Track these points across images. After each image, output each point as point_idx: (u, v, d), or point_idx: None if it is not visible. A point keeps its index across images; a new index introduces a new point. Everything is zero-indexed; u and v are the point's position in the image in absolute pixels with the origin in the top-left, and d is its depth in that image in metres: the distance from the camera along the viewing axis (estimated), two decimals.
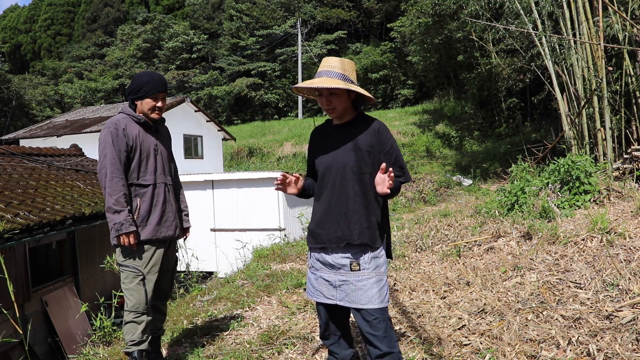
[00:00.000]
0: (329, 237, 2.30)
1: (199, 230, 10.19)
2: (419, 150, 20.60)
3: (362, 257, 2.27)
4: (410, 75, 31.12)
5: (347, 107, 2.35)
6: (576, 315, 2.96)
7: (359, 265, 2.26)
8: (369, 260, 2.27)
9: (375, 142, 2.30)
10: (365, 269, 2.26)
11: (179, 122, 17.86)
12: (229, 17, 40.22)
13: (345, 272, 2.28)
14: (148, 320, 2.94)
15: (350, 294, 2.26)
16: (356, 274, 2.25)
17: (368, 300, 2.23)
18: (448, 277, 4.23)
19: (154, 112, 3.01)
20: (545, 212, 5.28)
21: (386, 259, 2.38)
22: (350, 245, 2.27)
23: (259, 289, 4.78)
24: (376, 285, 2.25)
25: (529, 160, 8.77)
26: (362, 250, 2.27)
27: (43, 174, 7.67)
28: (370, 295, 2.23)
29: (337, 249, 2.30)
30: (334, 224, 2.29)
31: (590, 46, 7.89)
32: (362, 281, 2.24)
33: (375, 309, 2.24)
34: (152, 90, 2.95)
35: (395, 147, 2.35)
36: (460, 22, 17.47)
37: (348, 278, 2.27)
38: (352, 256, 2.27)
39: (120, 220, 2.80)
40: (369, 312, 2.24)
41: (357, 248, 2.27)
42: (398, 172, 2.33)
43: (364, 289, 2.24)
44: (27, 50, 60.28)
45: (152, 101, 2.98)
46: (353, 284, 2.25)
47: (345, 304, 2.28)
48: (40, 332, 6.50)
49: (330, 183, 2.33)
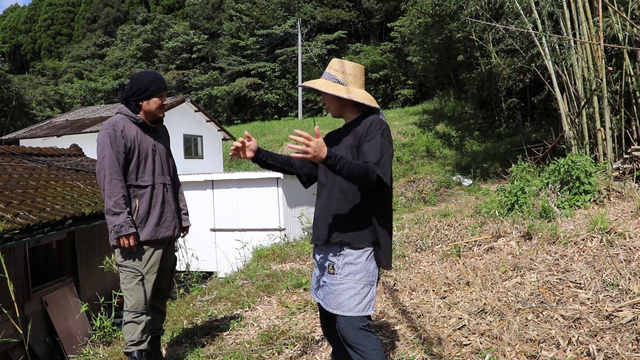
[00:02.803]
0: (317, 235, 2.33)
1: (199, 230, 10.19)
2: (419, 150, 20.59)
3: (337, 260, 2.24)
4: (410, 75, 31.12)
5: (341, 108, 2.37)
6: (576, 315, 2.96)
7: (333, 269, 2.24)
8: (342, 265, 2.22)
9: (364, 135, 2.22)
10: (338, 274, 2.23)
11: (179, 122, 17.86)
12: (229, 17, 40.22)
13: (326, 273, 2.30)
14: (147, 320, 2.94)
15: (326, 296, 2.27)
16: (331, 277, 2.25)
17: (337, 306, 2.20)
18: (448, 277, 4.23)
19: (161, 110, 3.04)
20: (545, 212, 5.28)
21: (370, 267, 2.22)
22: (330, 244, 2.26)
23: (259, 289, 4.78)
24: (346, 293, 2.19)
25: (529, 160, 8.76)
26: (339, 252, 2.23)
27: (43, 174, 7.67)
28: (339, 302, 2.20)
29: (323, 248, 2.33)
30: (322, 221, 2.31)
31: (590, 46, 7.89)
32: (334, 285, 2.23)
33: (344, 316, 2.19)
34: (158, 89, 2.99)
35: (378, 138, 2.16)
36: (460, 22, 17.46)
37: (326, 280, 2.28)
38: (330, 258, 2.27)
39: (119, 222, 2.80)
40: (339, 318, 2.22)
41: (335, 248, 2.24)
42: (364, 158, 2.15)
43: (335, 294, 2.22)
44: (27, 50, 60.26)
45: (159, 100, 3.02)
46: (328, 286, 2.26)
47: (324, 305, 2.30)
48: (40, 332, 6.50)
49: (324, 181, 2.37)
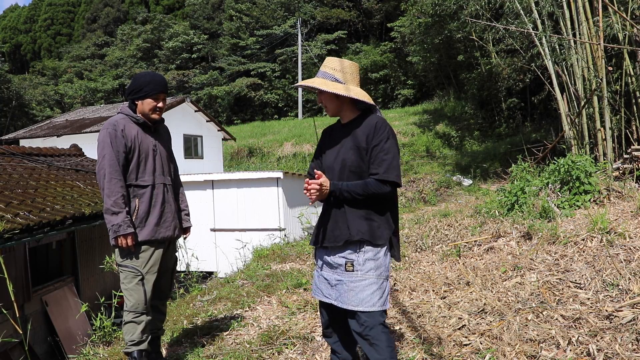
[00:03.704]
0: (328, 236, 2.31)
1: (199, 230, 10.19)
2: (419, 150, 20.60)
3: (357, 257, 2.24)
4: (410, 75, 31.12)
5: (339, 107, 2.37)
6: (576, 315, 2.96)
7: (352, 266, 2.24)
8: (364, 262, 2.23)
9: (371, 137, 2.26)
10: (359, 270, 2.23)
11: (179, 122, 17.86)
12: (229, 17, 40.23)
13: (341, 271, 2.27)
14: (147, 320, 2.94)
15: (343, 294, 2.25)
16: (350, 275, 2.24)
17: (359, 303, 2.20)
18: (448, 277, 4.23)
19: (155, 112, 3.01)
20: (545, 212, 5.28)
21: (388, 261, 2.31)
22: (349, 243, 2.25)
23: (259, 289, 4.78)
24: (369, 288, 2.21)
25: (529, 160, 8.76)
26: (359, 249, 2.24)
27: (43, 174, 7.67)
28: (361, 298, 2.20)
29: (335, 248, 2.30)
30: (333, 223, 2.30)
31: (590, 46, 7.89)
32: (354, 282, 2.22)
33: (366, 312, 2.19)
34: (153, 90, 2.95)
35: (385, 144, 2.23)
36: (461, 22, 17.47)
37: (343, 278, 2.26)
38: (347, 256, 2.26)
39: (118, 222, 2.80)
40: (359, 315, 2.21)
41: (355, 246, 2.25)
42: (373, 169, 2.22)
43: (356, 291, 2.21)
44: (27, 50, 60.26)
45: (153, 101, 2.98)
46: (346, 284, 2.24)
47: (339, 304, 2.27)
48: (40, 332, 6.50)
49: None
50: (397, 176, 2.22)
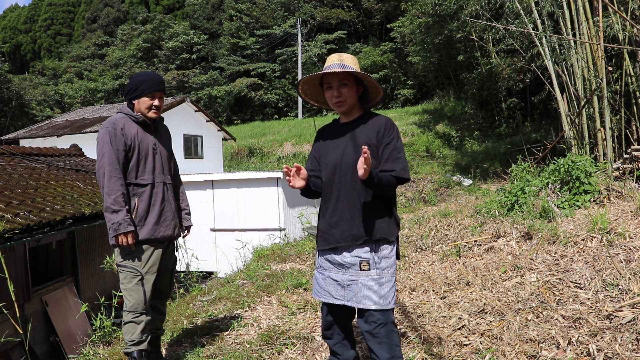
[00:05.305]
0: (344, 235, 2.28)
1: (199, 230, 10.19)
2: (419, 150, 20.60)
3: (374, 256, 2.25)
4: (410, 75, 31.12)
5: (355, 102, 2.37)
6: (576, 315, 2.96)
7: (368, 265, 2.24)
8: (379, 260, 2.25)
9: (381, 135, 2.29)
10: (375, 268, 2.24)
11: (179, 122, 17.86)
12: (229, 17, 40.23)
13: (354, 271, 2.26)
14: (147, 320, 2.93)
15: (359, 294, 2.24)
16: (365, 274, 2.24)
17: (377, 301, 2.20)
18: (448, 277, 4.23)
19: (151, 110, 3.02)
20: (545, 212, 5.28)
21: (395, 258, 2.34)
22: (367, 242, 2.25)
23: (259, 289, 4.78)
24: (385, 286, 2.23)
25: (529, 160, 8.77)
26: (376, 248, 2.25)
27: (43, 174, 7.67)
28: (379, 296, 2.21)
29: (347, 248, 2.28)
30: (348, 222, 2.27)
31: (590, 46, 7.89)
32: (371, 281, 2.23)
33: (379, 310, 2.21)
34: (148, 89, 2.96)
35: (397, 143, 2.29)
36: (461, 22, 17.46)
37: (357, 277, 2.25)
38: (362, 255, 2.25)
39: (118, 220, 2.80)
40: (372, 314, 2.21)
41: (373, 244, 2.25)
42: (389, 166, 2.25)
43: (373, 290, 2.21)
44: (27, 50, 60.26)
45: (148, 100, 2.99)
46: (362, 283, 2.23)
47: (353, 304, 2.26)
48: (40, 332, 6.50)
49: (339, 182, 2.32)
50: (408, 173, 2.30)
